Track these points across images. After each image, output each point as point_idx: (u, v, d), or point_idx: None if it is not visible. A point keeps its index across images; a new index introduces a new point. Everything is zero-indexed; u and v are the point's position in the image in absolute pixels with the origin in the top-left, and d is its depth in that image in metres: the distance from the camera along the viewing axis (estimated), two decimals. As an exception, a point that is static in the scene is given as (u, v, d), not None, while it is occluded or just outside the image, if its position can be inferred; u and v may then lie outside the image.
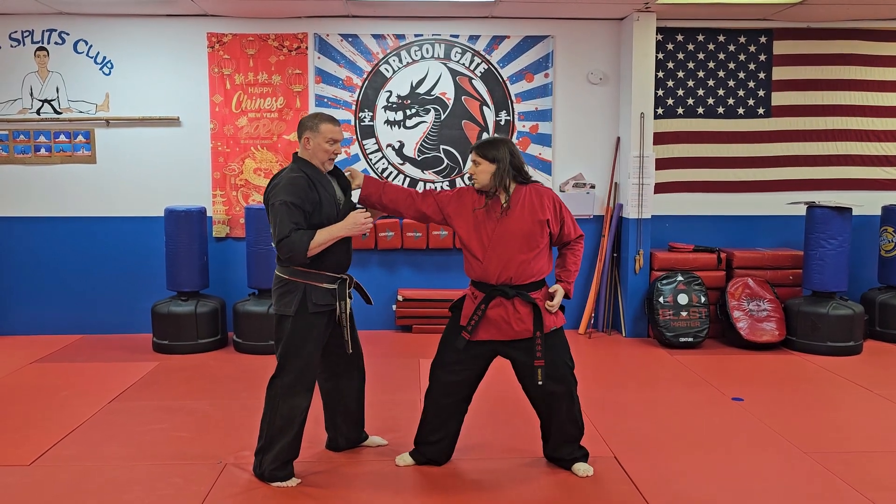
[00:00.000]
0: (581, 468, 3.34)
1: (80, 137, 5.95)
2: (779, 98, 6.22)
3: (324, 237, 3.11)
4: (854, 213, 5.69)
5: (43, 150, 5.94)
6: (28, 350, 5.54)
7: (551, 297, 3.20)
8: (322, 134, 3.17)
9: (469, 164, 3.27)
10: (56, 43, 5.87)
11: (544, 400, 3.27)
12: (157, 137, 5.97)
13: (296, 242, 3.06)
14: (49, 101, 5.90)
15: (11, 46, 5.85)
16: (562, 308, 3.29)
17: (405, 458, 3.44)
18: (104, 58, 5.90)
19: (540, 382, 3.15)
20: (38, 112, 5.89)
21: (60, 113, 5.90)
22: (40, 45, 5.86)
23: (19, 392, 4.57)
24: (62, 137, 5.94)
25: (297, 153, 3.28)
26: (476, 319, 3.17)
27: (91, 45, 5.89)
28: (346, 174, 3.39)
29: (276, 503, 3.09)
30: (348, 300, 3.26)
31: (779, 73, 6.20)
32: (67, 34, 5.87)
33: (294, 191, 3.10)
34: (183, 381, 4.81)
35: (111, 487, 3.22)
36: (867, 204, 6.16)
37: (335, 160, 3.30)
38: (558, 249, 3.34)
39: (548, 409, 3.30)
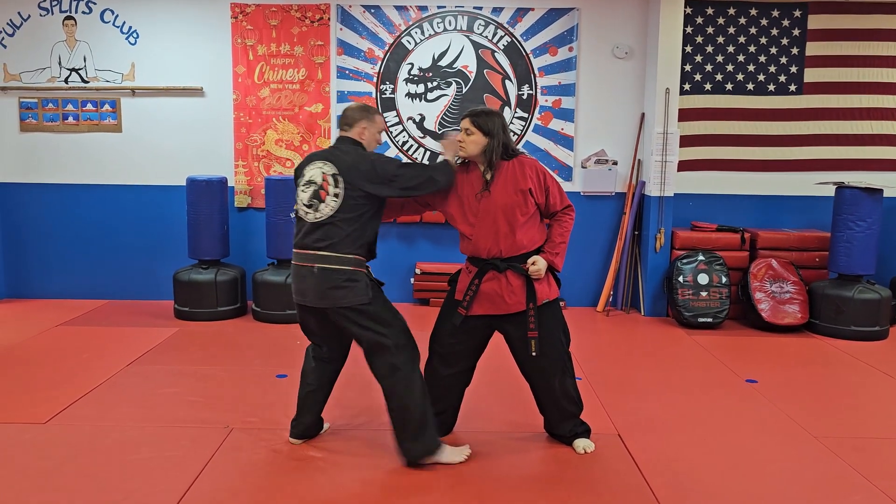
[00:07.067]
0: (581, 444, 3.33)
1: (106, 106, 6.05)
2: (812, 74, 6.03)
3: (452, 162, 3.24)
4: (885, 195, 5.52)
5: (71, 119, 6.06)
6: (55, 313, 5.70)
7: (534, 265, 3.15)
8: (376, 124, 3.25)
9: (460, 131, 3.18)
10: (83, 12, 5.95)
11: (537, 374, 3.26)
12: (181, 107, 6.04)
13: (443, 168, 3.18)
14: (77, 70, 6.00)
15: (41, 15, 5.96)
16: (557, 281, 3.26)
17: (406, 428, 3.47)
18: (130, 27, 5.97)
19: (534, 353, 3.13)
20: (66, 81, 6.00)
21: (87, 82, 6.01)
22: (68, 14, 5.95)
23: (43, 353, 4.72)
24: (89, 106, 6.05)
25: (350, 137, 3.21)
26: (471, 294, 3.17)
27: (117, 15, 5.96)
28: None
29: (277, 468, 3.14)
30: None
31: (812, 48, 6.00)
32: (94, 3, 5.94)
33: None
34: (200, 348, 4.91)
35: (120, 447, 3.31)
36: (900, 186, 5.97)
37: None
38: (549, 223, 3.30)
39: (541, 384, 3.29)
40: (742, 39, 6.01)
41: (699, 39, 6.00)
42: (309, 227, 3.10)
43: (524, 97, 6.06)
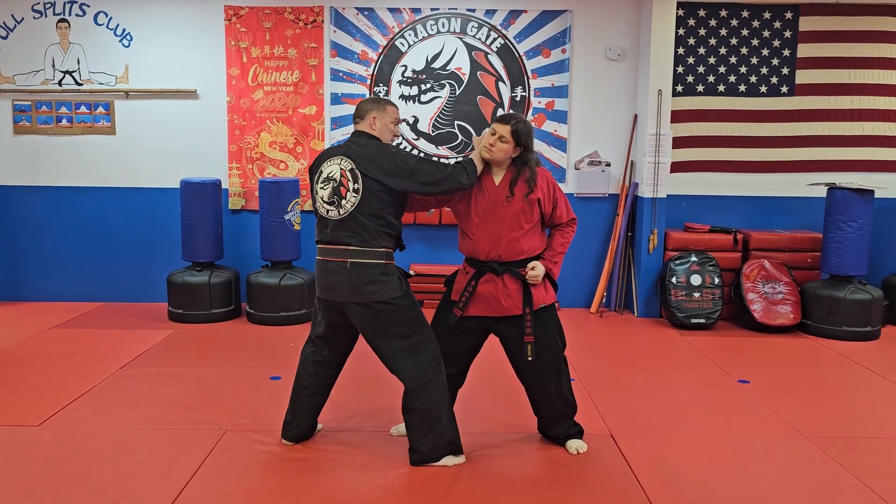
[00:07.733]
0: (574, 445, 3.34)
1: (100, 109, 6.05)
2: (803, 76, 6.06)
3: (478, 161, 3.17)
4: (877, 196, 5.56)
5: (64, 121, 6.05)
6: (49, 316, 5.69)
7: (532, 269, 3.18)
8: (389, 114, 3.20)
9: (492, 133, 3.12)
10: (77, 15, 5.95)
11: (533, 377, 3.28)
12: (175, 110, 6.04)
13: (467, 167, 3.10)
14: (70, 73, 5.99)
15: (34, 18, 5.95)
16: (554, 286, 3.28)
17: (399, 429, 3.48)
18: (123, 30, 5.97)
19: (530, 358, 3.15)
20: (59, 83, 6.00)
21: (81, 84, 6.00)
22: (62, 16, 5.95)
23: (37, 356, 4.71)
24: (83, 109, 6.04)
25: (363, 130, 3.17)
26: (467, 295, 3.19)
27: (111, 17, 5.96)
28: None
29: (271, 470, 3.15)
30: None
31: (804, 49, 6.03)
32: (88, 6, 5.94)
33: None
34: (194, 350, 4.91)
35: (113, 449, 3.31)
36: (891, 186, 6.00)
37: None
38: (549, 231, 3.32)
39: (536, 387, 3.30)
40: (734, 41, 6.04)
41: (691, 41, 6.03)
42: (335, 224, 3.07)
43: (517, 99, 6.08)
